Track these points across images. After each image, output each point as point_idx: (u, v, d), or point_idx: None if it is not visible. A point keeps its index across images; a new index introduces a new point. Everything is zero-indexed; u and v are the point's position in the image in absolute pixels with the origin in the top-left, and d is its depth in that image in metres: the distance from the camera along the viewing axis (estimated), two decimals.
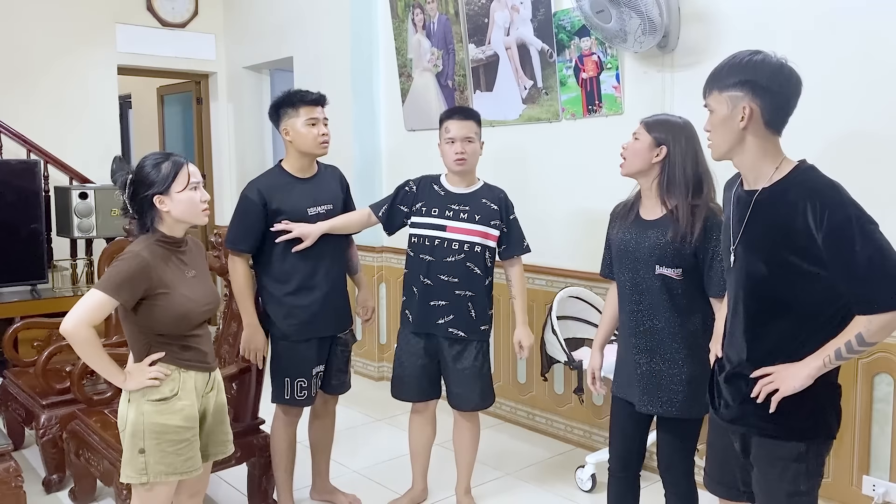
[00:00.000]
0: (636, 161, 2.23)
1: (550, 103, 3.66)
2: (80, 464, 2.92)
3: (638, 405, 2.28)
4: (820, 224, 1.61)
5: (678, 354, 2.22)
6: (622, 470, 2.40)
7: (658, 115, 2.32)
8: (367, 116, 4.75)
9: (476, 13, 3.92)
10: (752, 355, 1.77)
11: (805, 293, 1.69)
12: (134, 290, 2.00)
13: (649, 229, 2.23)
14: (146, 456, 2.07)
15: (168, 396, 2.08)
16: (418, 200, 2.84)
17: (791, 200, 1.66)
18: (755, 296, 1.75)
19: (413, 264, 2.85)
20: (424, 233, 2.81)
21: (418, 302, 2.82)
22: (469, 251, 2.78)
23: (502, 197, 2.88)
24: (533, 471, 3.48)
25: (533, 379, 3.91)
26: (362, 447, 3.75)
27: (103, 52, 5.41)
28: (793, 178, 1.71)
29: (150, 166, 2.08)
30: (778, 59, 1.71)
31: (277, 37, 5.38)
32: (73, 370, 2.97)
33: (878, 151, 2.59)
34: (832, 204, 1.62)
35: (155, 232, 2.10)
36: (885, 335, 1.64)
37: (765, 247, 1.71)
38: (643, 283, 2.24)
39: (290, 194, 2.80)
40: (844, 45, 2.65)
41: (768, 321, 1.74)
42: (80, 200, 4.66)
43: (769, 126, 1.71)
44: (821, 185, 1.67)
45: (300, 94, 2.81)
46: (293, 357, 2.82)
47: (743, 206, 1.77)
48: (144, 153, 2.21)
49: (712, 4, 3.02)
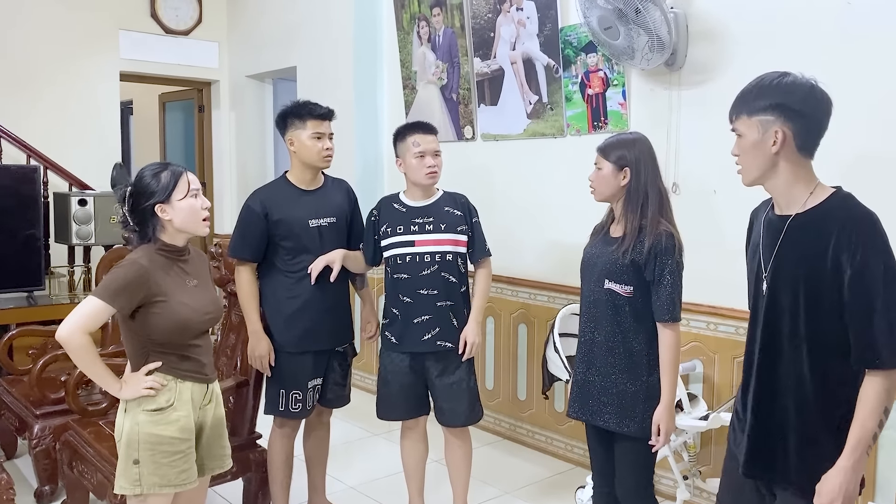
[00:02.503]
0: (605, 189, 2.28)
1: (555, 119, 3.64)
2: (72, 476, 2.87)
3: (569, 411, 2.37)
4: (851, 260, 1.56)
5: (613, 369, 2.26)
6: (604, 485, 2.40)
7: (611, 138, 2.32)
8: (370, 128, 4.74)
9: (482, 27, 3.91)
10: (763, 389, 1.70)
11: (827, 325, 1.62)
12: (131, 298, 1.99)
13: (609, 245, 2.29)
14: (140, 467, 2.04)
15: (164, 407, 2.06)
16: (382, 224, 2.82)
17: (826, 228, 1.60)
18: (786, 324, 1.66)
19: (390, 286, 2.83)
20: (395, 252, 2.78)
21: (401, 322, 2.79)
22: (442, 261, 2.76)
23: (463, 202, 2.86)
24: (532, 490, 3.43)
25: (533, 396, 3.87)
26: (359, 462, 3.70)
27: (106, 58, 5.40)
28: (829, 206, 1.64)
29: (150, 176, 2.07)
30: (808, 80, 1.65)
31: (281, 46, 5.37)
32: (68, 379, 2.92)
33: (891, 173, 2.57)
34: (868, 243, 1.56)
35: (157, 241, 2.09)
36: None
37: (795, 275, 1.65)
38: (592, 296, 2.30)
39: (292, 205, 2.79)
40: (854, 66, 2.63)
41: (791, 351, 1.66)
42: (80, 207, 4.63)
43: (801, 150, 1.65)
44: (859, 215, 1.60)
45: (309, 106, 2.81)
46: (289, 369, 2.81)
47: (775, 232, 1.70)
48: (145, 160, 2.21)
49: (721, 24, 3.01)
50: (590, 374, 2.30)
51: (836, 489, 1.57)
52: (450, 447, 2.93)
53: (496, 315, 3.96)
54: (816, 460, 1.63)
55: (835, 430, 1.62)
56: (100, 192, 4.78)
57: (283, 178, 2.88)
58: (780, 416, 1.68)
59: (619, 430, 2.26)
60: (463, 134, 4.15)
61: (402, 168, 2.82)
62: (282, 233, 2.77)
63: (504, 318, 3.94)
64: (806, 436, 1.66)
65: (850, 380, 1.62)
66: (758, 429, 1.72)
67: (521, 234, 3.86)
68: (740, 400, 1.83)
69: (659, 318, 2.20)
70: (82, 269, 4.93)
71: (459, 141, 4.16)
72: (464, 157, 4.07)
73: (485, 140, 4.05)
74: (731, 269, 2.23)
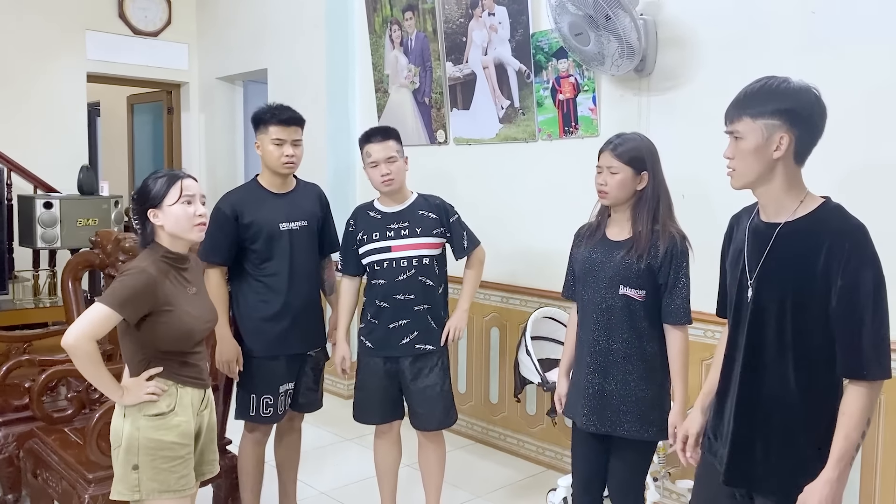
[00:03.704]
0: (621, 194, 2.23)
1: (527, 123, 3.66)
2: (37, 484, 2.81)
3: (581, 423, 2.29)
4: (842, 270, 1.55)
5: (631, 376, 2.22)
6: (584, 493, 2.38)
7: (619, 141, 2.25)
8: (342, 131, 4.72)
9: (454, 31, 3.92)
10: (747, 396, 1.68)
11: (812, 332, 1.62)
12: (138, 307, 1.96)
13: (616, 249, 2.24)
14: (140, 472, 2.02)
15: (165, 412, 2.04)
16: (358, 232, 2.82)
17: (818, 238, 1.59)
18: (772, 333, 1.66)
19: (369, 292, 2.83)
20: (373, 258, 2.78)
21: (378, 327, 2.78)
22: (419, 265, 2.76)
23: (438, 203, 2.87)
24: (504, 493, 3.44)
25: (505, 399, 3.88)
26: (330, 467, 3.68)
27: (72, 59, 5.31)
28: (820, 215, 1.63)
29: (151, 181, 2.08)
30: (812, 87, 1.64)
31: (252, 48, 5.33)
32: (32, 386, 2.86)
33: (864, 182, 2.61)
34: (859, 255, 1.56)
35: (159, 247, 2.08)
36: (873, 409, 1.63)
37: (783, 282, 1.63)
38: (605, 303, 2.23)
39: (262, 209, 2.78)
40: (818, 72, 2.67)
41: (779, 360, 1.65)
42: (45, 210, 4.54)
43: (797, 157, 1.65)
44: (852, 226, 1.59)
45: (272, 111, 2.80)
46: (260, 374, 2.79)
47: (762, 239, 1.68)
48: (113, 163, 2.19)
49: (689, 30, 3.05)
50: (607, 384, 2.23)
51: (822, 501, 1.57)
52: (423, 451, 2.93)
53: (469, 319, 3.96)
54: (799, 469, 1.62)
55: (817, 438, 1.62)
56: (66, 194, 4.69)
57: (255, 182, 2.87)
58: (763, 424, 1.67)
59: (639, 437, 2.22)
60: (436, 138, 4.15)
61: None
62: (251, 236, 2.75)
63: (477, 321, 3.94)
64: (789, 443, 1.65)
65: (834, 388, 1.63)
66: (740, 436, 1.70)
67: (493, 238, 3.85)
68: (716, 406, 1.81)
69: (674, 321, 2.19)
70: (48, 273, 4.84)
71: (432, 145, 4.17)
72: (436, 161, 4.08)
73: (457, 144, 4.06)
74: (697, 273, 2.25)
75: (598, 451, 2.34)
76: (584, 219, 2.44)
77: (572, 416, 2.34)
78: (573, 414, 2.34)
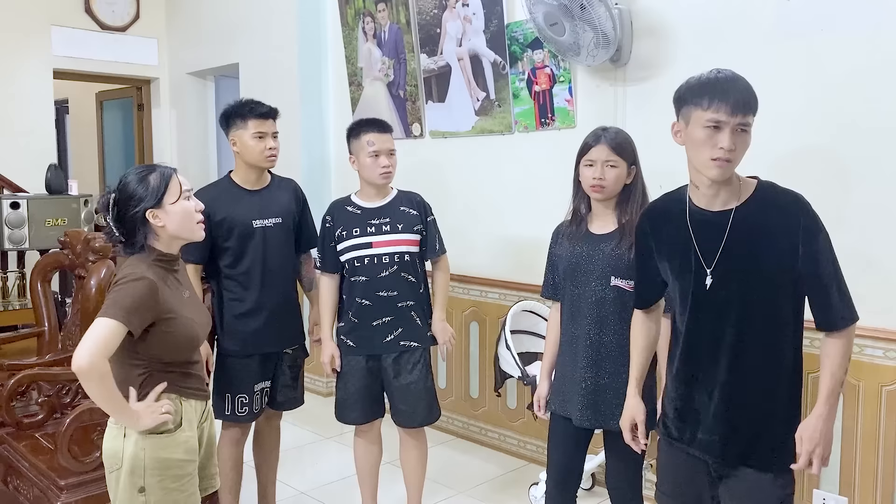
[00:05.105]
0: (616, 188, 2.24)
1: (503, 115, 3.63)
2: (7, 491, 2.75)
3: (577, 420, 2.27)
4: (804, 239, 1.68)
5: (623, 368, 2.20)
6: (559, 492, 2.36)
7: (616, 135, 2.25)
8: (316, 126, 4.66)
9: (428, 23, 3.88)
10: (734, 377, 1.75)
11: (785, 302, 1.74)
12: (144, 316, 1.81)
13: (602, 243, 2.24)
14: (147, 495, 1.86)
15: (172, 429, 1.89)
16: (336, 228, 2.77)
17: (770, 214, 1.71)
18: (744, 313, 1.73)
19: (347, 289, 2.78)
20: (353, 255, 2.73)
21: (360, 325, 2.75)
22: (400, 261, 2.73)
23: (419, 201, 2.84)
24: (486, 489, 3.42)
25: (486, 394, 3.87)
26: (309, 467, 3.64)
27: (37, 55, 5.20)
28: (763, 194, 1.74)
29: (136, 181, 1.87)
30: None
31: (223, 43, 5.24)
32: (1, 391, 2.79)
33: (820, 167, 2.63)
34: (811, 220, 1.70)
35: (151, 251, 1.90)
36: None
37: (748, 262, 1.72)
38: (595, 296, 2.23)
39: (235, 206, 2.74)
40: (792, 61, 2.69)
41: (756, 336, 1.74)
42: (12, 210, 4.45)
43: None
44: (794, 197, 1.73)
45: (250, 105, 2.75)
46: (235, 373, 2.75)
47: (716, 228, 1.74)
48: (82, 161, 2.10)
49: (664, 20, 3.04)
50: (600, 379, 2.23)
51: (818, 434, 1.71)
52: (405, 448, 2.90)
53: (447, 313, 3.92)
54: (787, 437, 1.75)
55: (792, 399, 1.77)
56: (34, 194, 4.60)
57: (228, 178, 2.83)
58: (751, 402, 1.76)
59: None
60: (411, 131, 4.11)
61: (356, 166, 2.77)
62: (224, 234, 2.71)
63: (456, 315, 3.92)
64: (772, 414, 1.76)
65: (798, 350, 1.77)
66: (734, 418, 1.76)
67: (471, 232, 3.84)
68: (682, 391, 1.84)
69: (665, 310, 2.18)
70: (16, 274, 4.75)
71: (408, 138, 4.13)
72: (413, 155, 4.03)
73: (433, 137, 4.03)
74: None
75: (577, 443, 2.32)
76: (563, 210, 2.42)
77: (564, 412, 2.31)
78: (566, 410, 2.31)
